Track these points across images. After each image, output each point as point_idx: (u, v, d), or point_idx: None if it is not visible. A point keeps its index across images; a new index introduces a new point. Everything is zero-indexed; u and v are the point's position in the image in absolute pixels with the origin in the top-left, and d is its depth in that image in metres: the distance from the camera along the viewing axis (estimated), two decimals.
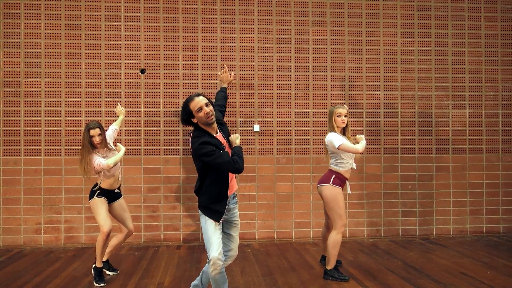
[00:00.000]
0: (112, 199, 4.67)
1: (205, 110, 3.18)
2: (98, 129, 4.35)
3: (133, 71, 6.31)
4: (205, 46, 6.41)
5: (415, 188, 6.64)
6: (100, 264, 4.51)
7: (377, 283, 4.39)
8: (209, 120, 3.20)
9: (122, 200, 4.79)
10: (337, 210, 4.44)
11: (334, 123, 4.50)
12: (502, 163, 6.78)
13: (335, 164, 4.54)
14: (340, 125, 4.49)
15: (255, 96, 6.46)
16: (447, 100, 6.75)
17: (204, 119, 3.19)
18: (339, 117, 4.47)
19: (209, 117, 3.19)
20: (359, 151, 4.31)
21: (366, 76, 6.63)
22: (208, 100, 3.26)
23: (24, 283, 4.42)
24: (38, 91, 6.16)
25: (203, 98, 3.22)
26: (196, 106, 3.18)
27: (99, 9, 6.26)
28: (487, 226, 6.74)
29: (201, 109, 3.18)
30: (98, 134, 4.35)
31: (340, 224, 4.45)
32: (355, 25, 6.63)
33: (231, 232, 3.50)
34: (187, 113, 3.22)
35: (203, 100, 3.20)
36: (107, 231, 4.41)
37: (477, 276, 4.61)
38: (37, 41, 6.17)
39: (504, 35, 6.85)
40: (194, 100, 3.20)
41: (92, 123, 4.38)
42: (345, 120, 4.47)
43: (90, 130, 4.32)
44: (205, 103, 3.20)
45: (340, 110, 4.47)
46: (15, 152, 6.11)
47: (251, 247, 6.02)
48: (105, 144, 4.47)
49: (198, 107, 3.18)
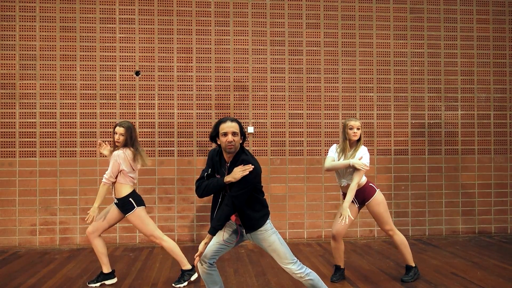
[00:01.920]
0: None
1: (228, 138, 3.13)
2: (123, 129, 4.32)
3: (127, 73, 6.34)
4: (200, 48, 6.45)
5: (408, 189, 6.70)
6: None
7: (369, 284, 4.44)
8: (228, 148, 3.16)
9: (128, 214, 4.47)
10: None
11: (346, 135, 4.39)
12: (494, 164, 6.85)
13: None
14: (351, 138, 4.35)
15: (249, 97, 6.50)
16: (440, 101, 6.81)
17: (223, 145, 3.17)
18: (351, 130, 4.33)
19: (228, 146, 3.15)
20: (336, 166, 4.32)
21: (360, 78, 6.68)
22: (240, 129, 3.20)
23: (19, 284, 4.45)
24: (33, 93, 6.19)
25: (234, 126, 3.16)
26: (223, 129, 3.15)
27: (93, 12, 6.29)
28: (479, 227, 6.81)
29: (225, 135, 3.14)
30: (120, 133, 4.32)
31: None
32: (348, 27, 6.69)
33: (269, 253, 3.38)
34: (215, 131, 3.22)
35: (232, 128, 3.14)
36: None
37: (467, 276, 4.67)
38: (32, 43, 6.20)
39: (496, 38, 6.92)
40: (226, 123, 3.16)
41: (122, 121, 4.40)
42: (357, 133, 4.32)
43: (116, 127, 4.34)
44: (233, 132, 3.14)
45: (352, 123, 4.34)
46: (10, 154, 6.13)
47: (245, 247, 6.06)
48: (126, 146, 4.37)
49: (224, 131, 3.14)
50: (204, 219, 6.38)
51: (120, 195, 4.36)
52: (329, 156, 4.45)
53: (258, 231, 3.28)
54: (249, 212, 3.24)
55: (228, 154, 3.22)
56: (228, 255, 5.63)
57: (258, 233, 3.29)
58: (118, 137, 4.33)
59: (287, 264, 3.29)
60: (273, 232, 3.32)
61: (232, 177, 3.12)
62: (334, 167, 4.35)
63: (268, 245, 3.30)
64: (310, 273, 3.35)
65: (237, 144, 3.19)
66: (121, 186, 4.35)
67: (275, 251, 3.30)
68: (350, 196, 4.26)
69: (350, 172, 4.33)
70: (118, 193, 4.37)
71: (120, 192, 4.36)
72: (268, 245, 3.30)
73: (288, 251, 3.33)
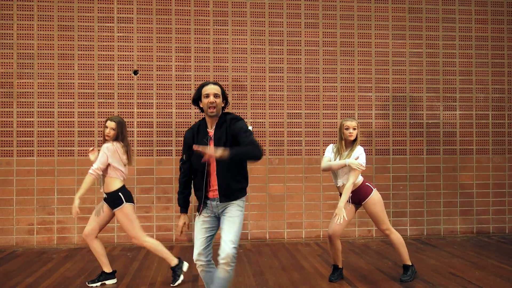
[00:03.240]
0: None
1: (210, 99, 3.16)
2: (114, 123, 4.27)
3: (126, 72, 6.33)
4: (198, 47, 6.44)
5: (406, 189, 6.70)
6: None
7: (367, 283, 4.44)
8: (209, 111, 3.17)
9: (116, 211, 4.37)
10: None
11: (342, 135, 4.35)
12: (492, 164, 6.86)
13: None
14: (348, 138, 4.30)
15: (248, 97, 6.49)
16: (438, 101, 6.81)
17: (205, 107, 3.19)
18: (347, 130, 4.29)
19: (210, 108, 3.17)
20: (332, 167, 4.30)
21: (358, 77, 6.68)
22: (222, 92, 3.23)
23: (16, 284, 4.43)
24: (30, 92, 6.17)
25: (216, 88, 3.21)
26: (205, 91, 3.19)
27: (92, 11, 6.28)
28: (477, 227, 6.81)
29: (207, 96, 3.17)
30: (111, 127, 4.26)
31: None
32: (347, 27, 6.68)
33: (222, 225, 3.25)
34: (198, 94, 3.25)
35: (214, 90, 3.19)
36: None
37: (465, 276, 4.66)
38: (29, 42, 6.18)
39: (494, 38, 6.93)
40: (208, 85, 3.21)
41: (113, 116, 4.36)
42: (352, 134, 4.28)
43: (107, 121, 4.29)
44: (215, 94, 3.18)
45: (348, 123, 4.29)
46: (7, 153, 6.11)
47: (243, 247, 6.05)
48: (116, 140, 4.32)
49: (206, 93, 3.18)
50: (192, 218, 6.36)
51: (109, 189, 4.29)
52: (326, 156, 4.43)
53: (231, 203, 3.23)
54: (230, 181, 3.19)
55: (211, 117, 3.22)
56: None
57: (229, 204, 3.23)
58: (108, 131, 4.25)
59: (230, 243, 3.09)
60: (240, 210, 3.25)
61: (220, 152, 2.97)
62: (330, 167, 4.32)
63: (229, 216, 3.19)
64: (232, 269, 3.15)
65: (219, 107, 3.21)
66: (111, 180, 4.29)
67: (230, 224, 3.16)
68: (346, 196, 4.23)
69: (346, 172, 4.30)
70: (107, 187, 4.30)
71: (110, 186, 4.28)
72: (229, 215, 3.19)
73: (239, 235, 3.21)
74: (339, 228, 4.33)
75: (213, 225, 3.32)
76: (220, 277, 3.14)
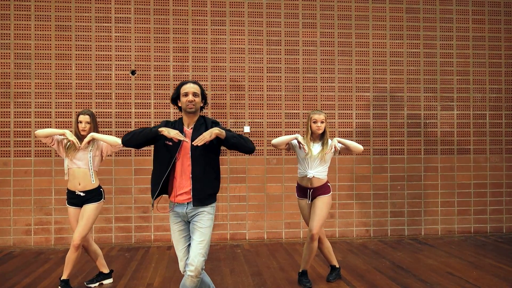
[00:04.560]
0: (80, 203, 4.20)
1: (189, 97, 3.14)
2: (89, 117, 4.17)
3: (123, 73, 6.32)
4: (196, 47, 6.44)
5: (404, 189, 6.71)
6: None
7: (365, 283, 4.44)
8: (188, 108, 3.15)
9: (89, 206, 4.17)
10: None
11: (309, 128, 4.31)
12: (489, 164, 6.87)
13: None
14: (315, 131, 4.27)
15: (246, 97, 6.49)
16: (436, 101, 6.83)
17: (184, 105, 3.17)
18: (314, 123, 4.26)
19: (188, 106, 3.15)
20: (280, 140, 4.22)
21: (356, 77, 6.69)
22: (201, 91, 3.22)
23: (14, 284, 4.42)
24: (28, 92, 6.16)
25: (195, 87, 3.19)
26: (184, 90, 3.17)
27: (89, 11, 6.27)
28: (475, 226, 6.83)
29: (186, 95, 3.15)
30: (86, 121, 4.16)
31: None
32: (344, 27, 6.69)
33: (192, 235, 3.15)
34: (177, 93, 3.23)
35: (193, 89, 3.18)
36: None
37: (463, 275, 4.68)
38: (27, 42, 6.17)
39: (492, 38, 6.94)
40: (187, 84, 3.20)
41: (84, 110, 4.24)
42: (320, 127, 4.24)
43: (80, 115, 4.16)
44: (194, 92, 3.16)
45: (316, 116, 4.25)
46: (5, 153, 6.09)
47: (241, 247, 6.05)
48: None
49: (185, 92, 3.16)
50: None
51: (93, 185, 4.16)
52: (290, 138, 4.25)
53: (202, 208, 3.14)
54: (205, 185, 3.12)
55: (188, 115, 3.19)
56: (224, 255, 5.62)
57: (200, 210, 3.14)
58: (84, 126, 4.15)
59: (200, 256, 3.05)
60: (211, 219, 3.19)
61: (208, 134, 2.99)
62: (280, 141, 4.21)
63: (201, 227, 3.11)
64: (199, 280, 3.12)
65: (198, 106, 3.20)
66: (96, 174, 4.21)
67: (201, 236, 3.09)
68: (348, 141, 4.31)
69: (319, 163, 4.26)
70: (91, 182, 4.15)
71: (93, 180, 4.15)
72: (200, 226, 3.11)
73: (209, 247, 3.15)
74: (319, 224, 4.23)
75: (189, 231, 3.23)
76: (188, 285, 3.10)
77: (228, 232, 6.40)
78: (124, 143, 3.20)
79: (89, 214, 4.14)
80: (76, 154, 4.15)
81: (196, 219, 3.15)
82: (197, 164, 3.10)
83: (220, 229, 6.39)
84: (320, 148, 4.29)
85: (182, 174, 3.14)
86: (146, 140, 3.13)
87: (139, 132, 3.13)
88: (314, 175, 4.26)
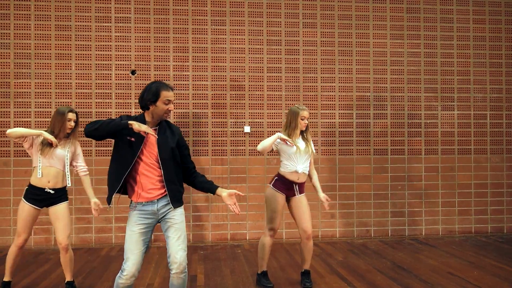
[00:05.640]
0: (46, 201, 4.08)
1: (171, 106, 3.08)
2: (75, 115, 4.11)
3: (123, 72, 6.31)
4: (196, 47, 6.43)
5: (405, 189, 6.70)
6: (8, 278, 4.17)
7: (366, 283, 4.43)
8: (165, 115, 3.09)
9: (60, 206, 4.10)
10: (267, 213, 4.38)
11: (298, 124, 4.27)
12: (490, 164, 6.86)
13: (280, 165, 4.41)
14: (302, 128, 4.29)
15: (246, 97, 6.48)
16: (436, 101, 6.82)
17: (161, 112, 3.06)
18: (303, 120, 4.26)
19: (167, 114, 3.09)
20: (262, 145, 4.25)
21: (356, 77, 6.68)
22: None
23: (14, 285, 4.40)
24: (28, 92, 6.15)
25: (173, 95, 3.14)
26: (166, 97, 3.04)
27: (89, 10, 6.26)
28: (476, 226, 6.81)
29: (169, 102, 3.06)
30: (74, 119, 4.10)
31: (267, 227, 4.38)
32: (345, 27, 6.68)
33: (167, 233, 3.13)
34: (156, 97, 3.02)
35: (173, 97, 3.11)
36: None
37: (464, 276, 4.66)
38: (27, 42, 6.16)
39: (492, 38, 6.93)
40: (169, 91, 3.07)
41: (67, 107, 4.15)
42: (306, 123, 4.31)
43: (69, 113, 4.06)
44: (173, 100, 3.11)
45: (305, 113, 4.28)
46: (5, 153, 6.08)
47: (241, 247, 6.04)
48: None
49: (167, 99, 3.04)
50: (200, 219, 6.35)
51: (64, 184, 4.12)
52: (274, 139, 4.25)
53: (179, 207, 3.14)
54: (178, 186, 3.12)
55: (155, 120, 3.10)
56: (225, 255, 5.61)
57: (179, 209, 3.13)
58: (72, 124, 4.09)
59: (182, 252, 3.06)
60: (183, 214, 3.19)
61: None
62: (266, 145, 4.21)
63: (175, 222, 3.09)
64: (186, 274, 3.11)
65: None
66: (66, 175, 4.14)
67: (178, 232, 3.09)
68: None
69: (306, 159, 4.30)
70: (62, 181, 4.10)
71: (65, 180, 4.12)
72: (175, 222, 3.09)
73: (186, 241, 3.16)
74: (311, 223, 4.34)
75: (149, 236, 3.13)
76: (177, 284, 3.08)
77: (228, 232, 6.39)
78: (88, 132, 2.96)
79: (64, 212, 4.09)
80: (53, 153, 4.02)
81: (168, 216, 3.11)
82: (167, 165, 3.05)
83: (221, 229, 6.38)
84: (304, 143, 4.32)
85: (149, 172, 3.05)
86: (113, 132, 2.97)
87: (108, 123, 2.94)
88: (303, 170, 4.30)
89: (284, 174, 4.32)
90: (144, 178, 3.05)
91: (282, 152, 4.32)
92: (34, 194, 4.03)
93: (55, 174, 4.05)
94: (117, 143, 3.07)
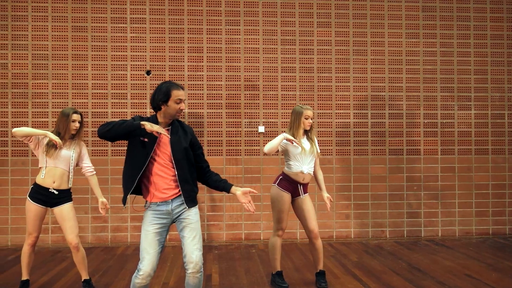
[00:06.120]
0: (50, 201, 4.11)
1: (182, 105, 3.08)
2: (80, 116, 4.16)
3: (139, 73, 6.36)
4: (210, 47, 6.45)
5: (420, 189, 6.63)
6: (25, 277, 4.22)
7: (381, 284, 4.40)
8: (177, 115, 3.12)
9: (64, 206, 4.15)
10: (274, 214, 4.37)
11: (301, 124, 4.24)
12: (508, 164, 6.75)
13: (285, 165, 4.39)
14: (306, 127, 4.27)
15: (260, 97, 6.48)
16: (453, 101, 6.73)
17: (174, 112, 3.07)
18: (307, 120, 4.24)
19: (179, 113, 3.11)
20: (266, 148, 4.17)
21: (371, 77, 6.63)
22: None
23: (32, 282, 4.47)
24: (45, 92, 6.24)
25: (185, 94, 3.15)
26: (178, 96, 3.05)
27: (105, 11, 6.32)
28: (493, 228, 6.71)
29: (180, 101, 3.07)
30: (79, 121, 4.15)
31: (275, 227, 4.38)
32: (359, 26, 6.64)
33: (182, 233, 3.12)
34: (167, 97, 3.04)
35: (183, 95, 3.12)
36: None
37: (482, 278, 4.60)
38: (44, 43, 6.24)
39: (510, 36, 6.82)
40: (180, 90, 3.08)
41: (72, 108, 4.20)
42: (311, 123, 4.27)
43: (74, 114, 4.11)
44: (184, 99, 3.12)
45: (310, 113, 4.25)
46: (23, 153, 6.18)
47: (256, 247, 6.04)
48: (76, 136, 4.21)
49: (179, 98, 3.06)
50: (215, 218, 6.37)
51: (68, 185, 4.17)
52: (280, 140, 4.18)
53: (194, 207, 3.14)
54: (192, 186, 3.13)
55: (169, 119, 3.12)
56: (239, 255, 5.62)
57: (193, 209, 3.13)
58: (77, 124, 4.13)
59: (198, 251, 3.05)
60: (198, 214, 3.19)
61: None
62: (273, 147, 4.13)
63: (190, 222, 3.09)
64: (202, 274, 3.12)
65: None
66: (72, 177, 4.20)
67: (193, 231, 3.09)
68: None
69: (310, 159, 4.28)
70: (66, 183, 4.15)
71: (70, 181, 4.18)
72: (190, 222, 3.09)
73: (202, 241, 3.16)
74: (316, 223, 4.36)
75: (164, 236, 3.14)
76: (193, 284, 3.09)
77: (242, 232, 6.40)
78: (101, 134, 2.97)
79: (69, 213, 4.14)
80: (59, 154, 4.08)
81: (183, 216, 3.11)
82: (181, 165, 3.06)
83: (235, 229, 6.39)
84: (308, 144, 4.30)
85: (162, 172, 3.07)
86: (126, 133, 2.98)
87: (120, 124, 2.95)
88: (308, 171, 4.29)
89: (289, 174, 4.31)
90: (158, 178, 3.06)
91: (287, 152, 4.30)
92: (38, 193, 4.10)
93: (60, 175, 4.11)
94: (130, 144, 3.09)
